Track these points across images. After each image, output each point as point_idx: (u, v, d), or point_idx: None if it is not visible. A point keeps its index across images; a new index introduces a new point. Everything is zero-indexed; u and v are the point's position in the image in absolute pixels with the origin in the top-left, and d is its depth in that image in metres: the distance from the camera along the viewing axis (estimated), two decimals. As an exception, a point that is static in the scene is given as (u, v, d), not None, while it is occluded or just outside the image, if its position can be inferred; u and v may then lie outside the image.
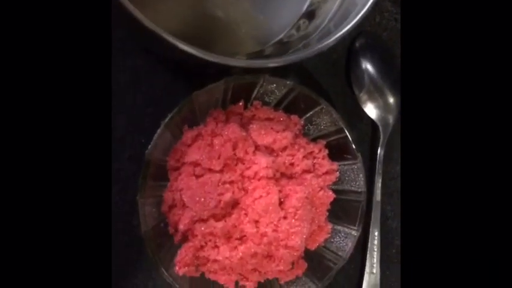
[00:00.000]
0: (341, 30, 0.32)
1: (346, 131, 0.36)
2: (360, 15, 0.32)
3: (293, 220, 0.34)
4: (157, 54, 0.38)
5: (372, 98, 0.42)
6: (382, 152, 0.41)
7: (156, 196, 0.34)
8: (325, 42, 0.32)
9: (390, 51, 0.43)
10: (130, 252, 0.37)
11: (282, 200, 0.34)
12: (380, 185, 0.41)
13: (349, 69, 0.42)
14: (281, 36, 0.39)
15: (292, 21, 0.39)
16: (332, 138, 0.37)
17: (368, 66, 0.42)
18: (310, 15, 0.39)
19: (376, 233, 0.41)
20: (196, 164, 0.34)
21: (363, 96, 0.42)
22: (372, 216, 0.41)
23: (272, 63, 0.33)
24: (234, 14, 0.38)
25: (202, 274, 0.35)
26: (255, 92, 0.36)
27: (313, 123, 0.38)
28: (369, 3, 0.32)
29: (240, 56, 0.38)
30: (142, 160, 0.37)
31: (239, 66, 0.33)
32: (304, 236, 0.34)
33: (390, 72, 0.43)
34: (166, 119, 0.33)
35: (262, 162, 0.33)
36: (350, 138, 0.36)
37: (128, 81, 0.38)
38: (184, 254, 0.34)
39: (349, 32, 0.33)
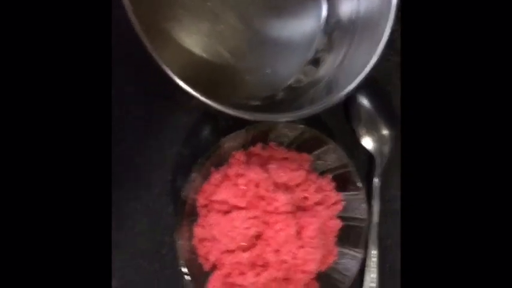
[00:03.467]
0: (345, 88, 0.37)
1: (350, 166, 0.42)
2: (366, 69, 0.37)
3: (309, 248, 0.39)
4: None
5: (368, 132, 0.47)
6: (379, 181, 0.46)
7: (188, 231, 0.39)
8: (332, 98, 0.36)
9: (382, 88, 0.49)
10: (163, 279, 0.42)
11: (299, 231, 0.39)
12: (377, 209, 0.46)
13: (347, 106, 0.47)
14: (291, 81, 0.43)
15: (300, 66, 0.44)
16: (337, 172, 0.42)
17: (364, 103, 0.47)
18: (315, 62, 0.44)
19: (374, 251, 0.46)
20: (223, 202, 0.38)
21: (360, 130, 0.47)
22: (370, 236, 0.46)
23: (284, 117, 0.37)
24: (245, 59, 0.42)
25: (228, 296, 0.40)
26: (271, 135, 0.40)
27: (321, 159, 0.43)
28: (372, 62, 0.37)
29: (255, 100, 0.42)
30: (170, 195, 0.41)
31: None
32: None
33: (384, 107, 0.48)
34: (198, 164, 0.38)
35: (282, 199, 0.38)
36: (354, 173, 0.42)
37: (154, 123, 0.42)
38: (214, 282, 0.38)
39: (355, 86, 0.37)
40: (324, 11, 0.43)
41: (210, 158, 0.38)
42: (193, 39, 0.41)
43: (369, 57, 0.38)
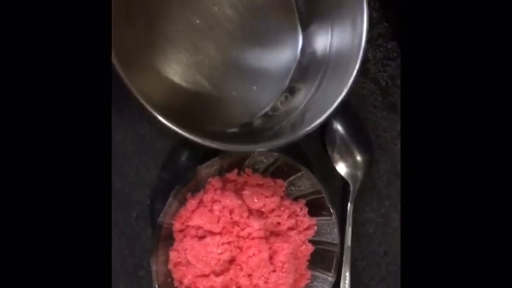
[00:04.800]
0: (318, 118, 0.38)
1: (323, 192, 0.43)
2: (337, 101, 0.39)
3: (281, 273, 0.40)
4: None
5: (342, 158, 0.48)
6: (352, 206, 0.48)
7: (164, 254, 0.40)
8: (305, 129, 0.38)
9: (358, 115, 0.50)
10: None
11: (271, 255, 0.40)
12: (350, 232, 0.48)
13: (323, 132, 0.49)
14: (267, 109, 0.45)
15: (277, 94, 0.45)
16: (311, 197, 0.44)
17: (339, 128, 0.49)
18: (291, 90, 0.45)
19: (347, 274, 0.47)
20: (198, 227, 0.40)
21: (335, 155, 0.48)
22: (344, 259, 0.47)
23: (258, 148, 0.39)
24: (224, 87, 0.44)
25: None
26: (247, 162, 0.42)
27: (295, 185, 0.44)
28: (343, 94, 0.39)
29: (232, 127, 0.44)
30: (149, 218, 0.42)
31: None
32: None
33: (358, 133, 0.49)
34: (175, 191, 0.39)
35: (255, 226, 0.39)
36: (326, 199, 0.43)
37: (134, 148, 0.44)
38: (189, 305, 0.39)
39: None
40: (300, 44, 0.45)
41: (187, 185, 0.39)
42: (173, 68, 0.42)
43: (341, 89, 0.39)
